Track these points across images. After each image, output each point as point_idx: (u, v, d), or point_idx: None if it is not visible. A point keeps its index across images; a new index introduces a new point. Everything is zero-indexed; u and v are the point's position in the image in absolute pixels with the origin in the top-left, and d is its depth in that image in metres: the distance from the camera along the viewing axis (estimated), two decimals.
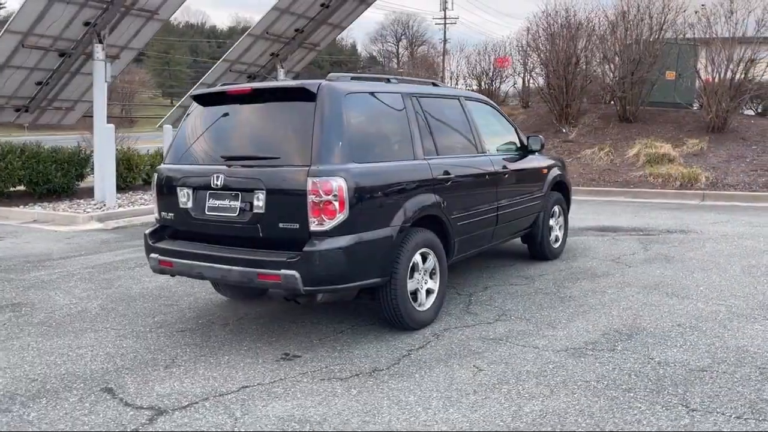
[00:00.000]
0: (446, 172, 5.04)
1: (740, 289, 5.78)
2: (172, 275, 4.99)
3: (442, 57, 55.77)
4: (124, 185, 13.18)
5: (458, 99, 5.80)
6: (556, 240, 7.11)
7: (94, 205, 11.53)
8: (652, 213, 10.56)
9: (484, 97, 6.52)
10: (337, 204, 4.07)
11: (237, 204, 4.37)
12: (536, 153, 6.60)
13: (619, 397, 3.57)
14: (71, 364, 4.23)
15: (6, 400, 3.70)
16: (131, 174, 13.75)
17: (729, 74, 14.96)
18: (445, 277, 5.03)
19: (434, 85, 5.83)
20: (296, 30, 17.14)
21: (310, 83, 4.34)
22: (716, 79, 15.09)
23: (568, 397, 3.59)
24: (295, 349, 4.43)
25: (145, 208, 11.32)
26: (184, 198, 4.63)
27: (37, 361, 4.30)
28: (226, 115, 4.70)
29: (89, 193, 12.21)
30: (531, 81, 19.71)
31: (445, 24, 61.08)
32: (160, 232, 4.87)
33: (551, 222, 6.94)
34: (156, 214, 4.93)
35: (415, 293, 4.70)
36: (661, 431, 3.19)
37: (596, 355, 4.21)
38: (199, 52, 72.47)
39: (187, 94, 17.22)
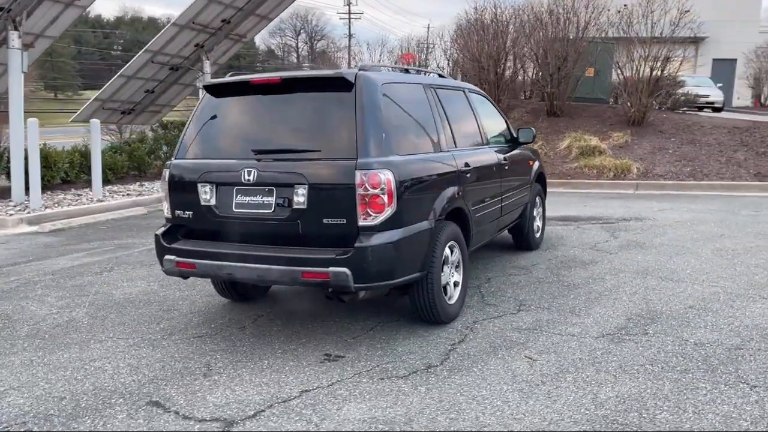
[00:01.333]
0: (466, 164, 5.01)
1: (722, 271, 6.12)
2: (184, 277, 4.67)
3: (348, 51, 55.86)
4: (41, 184, 12.20)
5: (463, 91, 5.78)
6: (537, 230, 7.26)
7: (14, 206, 10.60)
8: (598, 203, 11.02)
9: (479, 89, 6.54)
10: (385, 198, 3.94)
11: (271, 200, 4.13)
12: (523, 145, 6.70)
13: (681, 379, 3.68)
14: (95, 379, 3.85)
15: (42, 421, 3.32)
16: (49, 172, 12.73)
17: (647, 71, 15.86)
18: (468, 270, 5.00)
19: (440, 76, 5.78)
20: (223, 20, 16.55)
21: (348, 72, 4.17)
22: (636, 76, 15.96)
23: (634, 382, 3.65)
24: (334, 350, 4.25)
25: (78, 209, 10.59)
26: (206, 195, 4.32)
27: (52, 377, 3.89)
28: (250, 106, 4.43)
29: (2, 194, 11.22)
30: (461, 75, 20.02)
31: (349, 19, 61.08)
32: (172, 233, 4.53)
33: (534, 212, 7.08)
34: (167, 213, 4.58)
35: (444, 287, 4.64)
36: (738, 409, 3.31)
37: (634, 340, 4.32)
38: (84, 42, 68.30)
39: (106, 86, 16.23)
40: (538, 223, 7.25)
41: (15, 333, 4.73)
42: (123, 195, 12.47)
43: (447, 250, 4.61)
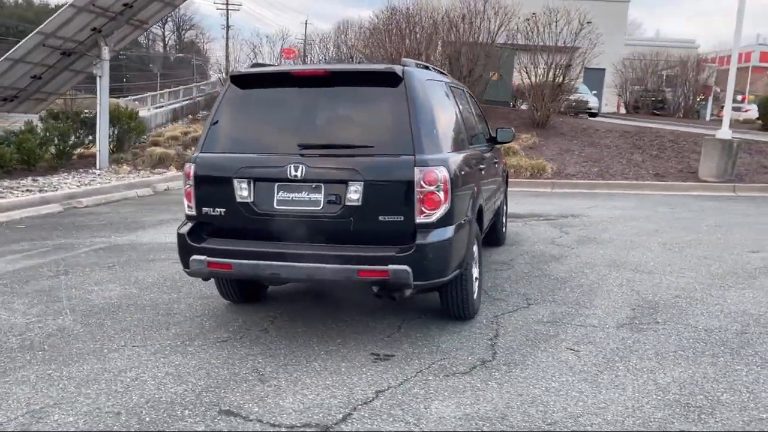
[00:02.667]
0: (481, 161, 5.10)
1: (680, 263, 6.66)
2: (207, 278, 4.38)
3: (226, 43, 54.26)
4: None
5: (463, 90, 5.87)
6: (503, 226, 7.52)
7: None
8: (526, 200, 11.55)
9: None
10: (441, 194, 3.93)
11: (319, 196, 3.99)
12: (500, 144, 6.90)
13: (716, 363, 3.99)
14: (140, 390, 3.54)
15: None
16: None
17: (551, 77, 16.84)
18: (482, 265, 5.10)
19: (441, 73, 5.81)
20: (125, 4, 15.59)
21: (397, 67, 4.11)
22: (542, 81, 16.89)
23: (679, 367, 3.91)
24: (378, 349, 4.17)
25: None
26: (243, 191, 4.08)
27: (88, 391, 3.53)
28: (290, 99, 4.23)
29: None
30: None
31: (228, 10, 59.28)
32: (196, 231, 4.24)
33: (505, 208, 7.33)
34: (191, 211, 4.27)
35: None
36: None
37: (652, 329, 4.61)
38: None
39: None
40: (503, 219, 7.51)
41: (3, 346, 4.22)
42: (22, 191, 11.38)
43: (475, 246, 4.68)
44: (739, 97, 43.93)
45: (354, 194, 3.91)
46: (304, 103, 4.24)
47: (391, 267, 3.80)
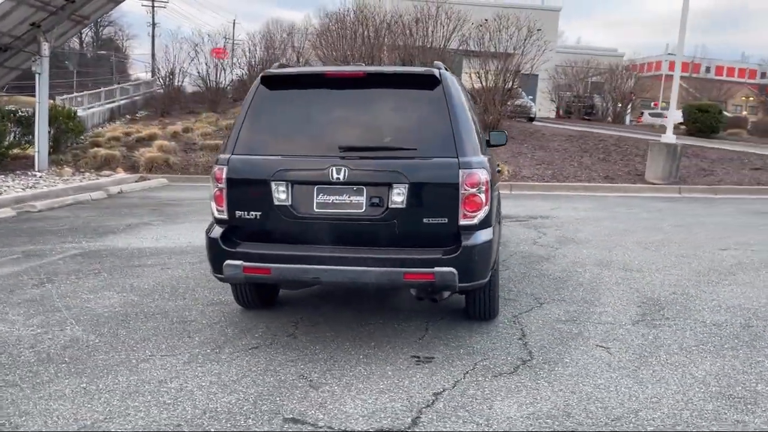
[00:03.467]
0: (495, 164, 5.18)
1: (662, 261, 6.96)
2: (241, 283, 4.26)
3: (152, 41, 52.64)
4: None
5: (468, 91, 5.93)
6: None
7: None
8: None
9: None
10: (483, 196, 3.97)
11: (361, 199, 3.95)
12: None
13: (738, 355, 4.20)
14: (191, 402, 3.41)
15: None
16: None
17: (502, 82, 17.25)
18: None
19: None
20: None
21: (434, 70, 4.12)
22: (493, 86, 17.27)
23: (708, 360, 4.09)
24: (416, 351, 4.17)
25: None
26: (281, 194, 3.99)
27: (135, 404, 3.37)
28: (326, 100, 4.16)
29: None
30: None
31: (153, 8, 57.54)
32: (229, 235, 4.11)
33: None
34: (222, 214, 4.13)
35: None
36: None
37: (667, 324, 4.80)
38: None
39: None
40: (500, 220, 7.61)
41: (19, 359, 3.97)
42: None
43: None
44: (652, 104, 46.40)
45: (398, 196, 3.89)
46: (341, 104, 4.19)
47: (437, 269, 3.80)
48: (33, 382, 3.62)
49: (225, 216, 4.11)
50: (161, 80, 26.95)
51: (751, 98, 63.25)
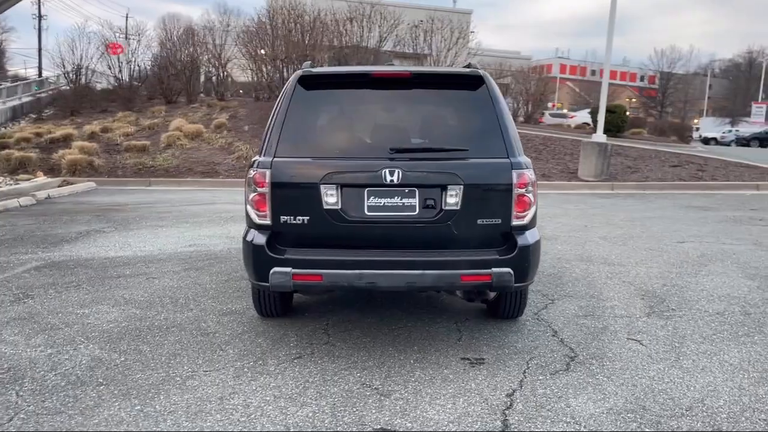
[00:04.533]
0: None
1: (634, 255, 7.31)
2: (290, 291, 4.05)
3: (38, 34, 49.43)
4: None
5: None
6: None
7: None
8: None
9: None
10: (531, 197, 4.02)
11: (414, 201, 3.88)
12: None
13: (757, 341, 4.47)
14: (269, 418, 3.24)
15: None
16: None
17: None
18: None
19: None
20: None
21: (478, 70, 4.12)
22: None
23: (734, 348, 4.32)
24: (463, 353, 4.15)
25: None
26: (331, 198, 3.85)
27: (218, 426, 3.16)
28: (371, 100, 4.05)
29: None
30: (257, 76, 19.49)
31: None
32: (273, 242, 3.93)
33: None
34: (264, 219, 3.93)
35: None
36: None
37: (677, 315, 5.04)
38: None
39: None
40: None
41: (46, 384, 3.63)
42: None
43: None
44: (550, 104, 48.65)
45: (452, 198, 3.86)
46: (386, 104, 4.10)
47: (494, 270, 3.81)
48: (78, 408, 3.31)
49: (268, 221, 3.92)
50: (66, 77, 25.32)
51: (634, 99, 67.85)
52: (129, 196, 12.45)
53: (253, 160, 4.13)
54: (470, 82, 4.09)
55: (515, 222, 3.95)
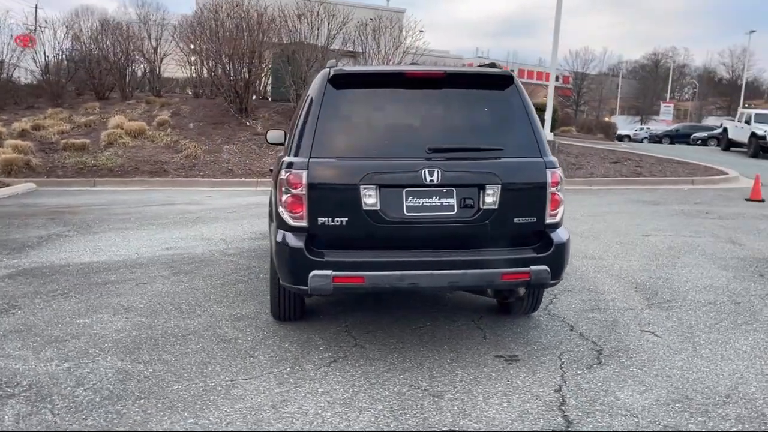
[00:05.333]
0: None
1: (612, 249, 7.57)
2: (328, 294, 3.93)
3: None
4: None
5: None
6: None
7: None
8: None
9: None
10: (561, 195, 4.11)
11: (452, 201, 3.89)
12: None
13: (758, 329, 4.72)
14: (330, 425, 3.19)
15: None
16: None
17: None
18: None
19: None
20: None
21: (508, 70, 4.16)
22: None
23: (740, 336, 4.55)
24: (495, 351, 4.20)
25: None
26: (370, 198, 3.80)
27: None
28: (404, 100, 4.02)
29: None
30: (193, 70, 18.89)
31: None
32: (311, 244, 3.84)
33: None
34: (300, 221, 3.84)
35: None
36: None
37: (675, 306, 5.26)
38: None
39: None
40: None
41: (80, 401, 3.43)
42: None
43: None
44: None
45: (490, 197, 3.89)
46: (419, 104, 4.08)
47: (533, 268, 3.87)
48: (128, 425, 3.15)
49: (304, 223, 3.83)
50: None
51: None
52: (76, 197, 11.84)
53: (283, 160, 4.03)
54: (500, 81, 4.14)
55: (549, 220, 4.03)
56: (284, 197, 3.87)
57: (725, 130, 27.67)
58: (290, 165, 3.87)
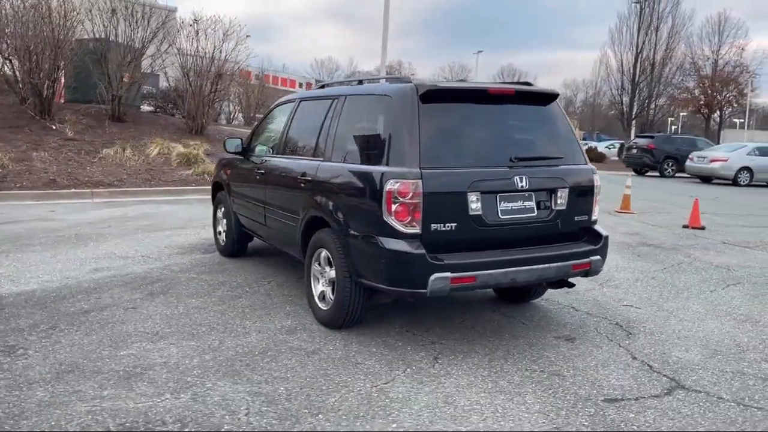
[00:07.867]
0: None
1: None
2: (444, 295, 4.14)
3: None
4: None
5: None
6: None
7: None
8: None
9: None
10: (599, 196, 4.87)
11: (531, 204, 4.42)
12: None
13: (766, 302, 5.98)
14: (516, 415, 3.53)
15: None
16: None
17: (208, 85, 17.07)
18: None
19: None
20: None
21: (553, 89, 4.79)
22: (197, 89, 16.95)
23: (757, 306, 5.77)
24: (553, 333, 4.82)
25: None
26: (474, 204, 4.16)
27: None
28: (484, 114, 4.45)
29: None
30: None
31: None
32: (427, 249, 4.08)
33: None
34: (414, 228, 4.03)
35: None
36: None
37: (676, 302, 6.41)
38: None
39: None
40: None
41: (252, 426, 3.28)
42: None
43: None
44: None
45: (561, 199, 4.52)
46: (495, 117, 4.52)
47: (592, 258, 4.58)
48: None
49: (418, 230, 4.05)
50: None
51: None
52: None
53: (384, 171, 4.12)
54: (549, 98, 4.76)
55: (594, 217, 4.78)
56: (394, 206, 4.03)
57: None
58: (397, 175, 4.03)
